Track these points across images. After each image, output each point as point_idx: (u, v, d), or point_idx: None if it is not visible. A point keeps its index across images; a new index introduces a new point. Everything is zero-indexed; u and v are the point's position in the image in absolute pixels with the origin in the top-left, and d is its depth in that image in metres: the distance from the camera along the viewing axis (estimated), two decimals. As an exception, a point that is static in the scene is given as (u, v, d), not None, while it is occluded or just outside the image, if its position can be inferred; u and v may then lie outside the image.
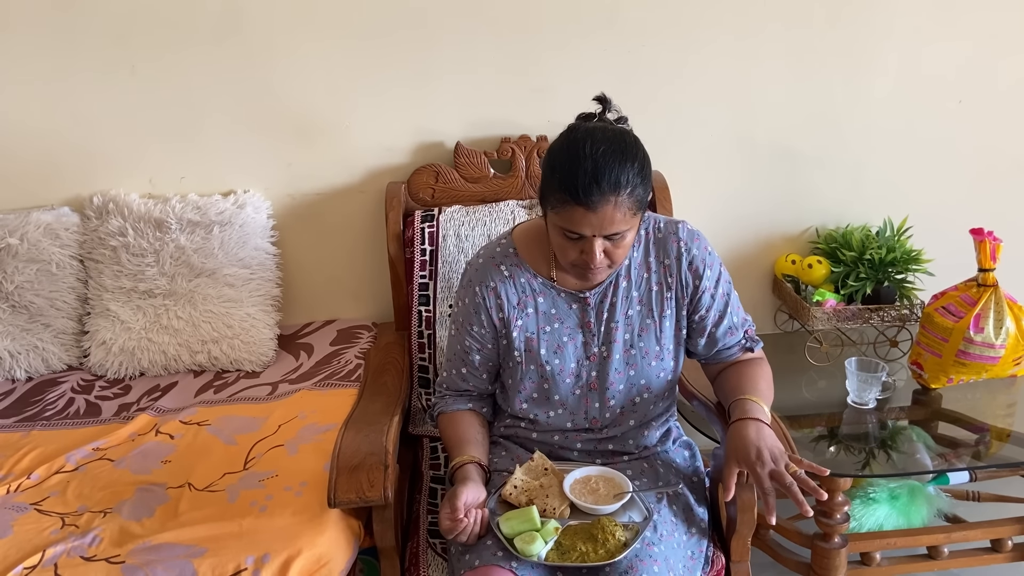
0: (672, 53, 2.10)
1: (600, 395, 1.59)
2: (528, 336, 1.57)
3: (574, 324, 1.57)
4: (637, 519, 1.47)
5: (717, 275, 1.58)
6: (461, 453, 1.54)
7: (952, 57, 2.17)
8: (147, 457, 1.74)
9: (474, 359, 1.62)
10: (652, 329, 1.57)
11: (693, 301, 1.58)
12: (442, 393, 1.68)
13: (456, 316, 1.63)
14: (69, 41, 2.01)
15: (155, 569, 1.43)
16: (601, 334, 1.57)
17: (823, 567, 1.80)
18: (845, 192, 2.25)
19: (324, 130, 2.11)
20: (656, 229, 1.58)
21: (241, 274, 2.08)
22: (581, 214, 1.38)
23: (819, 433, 1.89)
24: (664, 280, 1.57)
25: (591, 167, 1.36)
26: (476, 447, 1.56)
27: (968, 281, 1.95)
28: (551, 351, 1.57)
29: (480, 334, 1.59)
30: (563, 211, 1.40)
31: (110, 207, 2.06)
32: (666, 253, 1.57)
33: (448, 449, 1.61)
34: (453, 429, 1.61)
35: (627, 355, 1.57)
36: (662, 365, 1.59)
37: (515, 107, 2.10)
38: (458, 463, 1.52)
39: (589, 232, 1.40)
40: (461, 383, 1.65)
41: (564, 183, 1.38)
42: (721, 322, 1.60)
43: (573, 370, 1.57)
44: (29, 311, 2.04)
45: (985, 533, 1.92)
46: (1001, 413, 1.97)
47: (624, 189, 1.38)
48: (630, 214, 1.41)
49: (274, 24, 2.02)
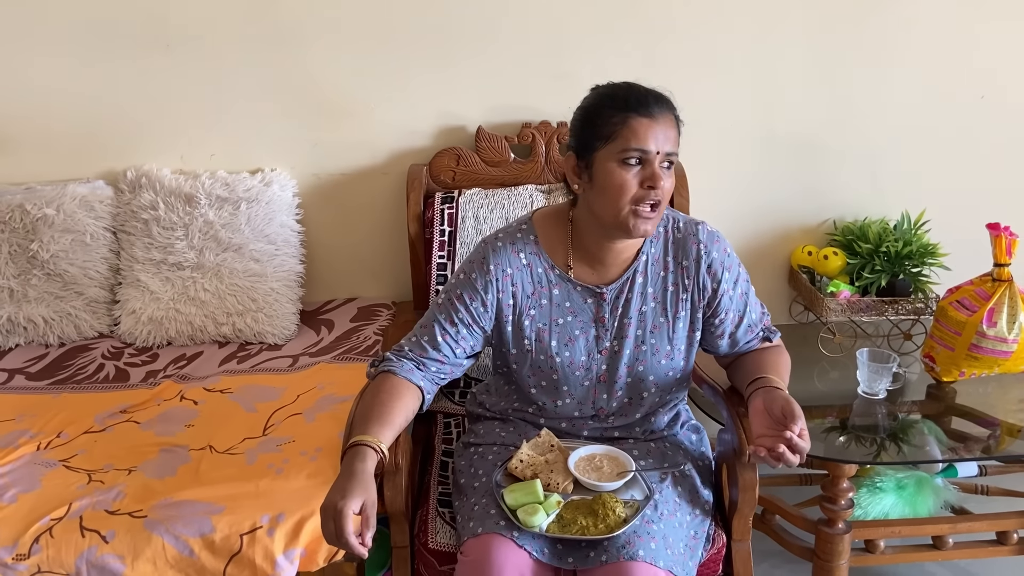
0: (694, 43, 2.12)
1: (608, 387, 1.60)
2: (540, 327, 1.57)
3: (588, 318, 1.58)
4: (639, 497, 1.50)
5: (736, 277, 1.58)
6: (374, 431, 1.40)
7: (976, 52, 2.17)
8: (171, 421, 1.81)
9: (459, 331, 1.54)
10: (664, 328, 1.58)
11: (711, 305, 1.58)
12: (402, 354, 1.54)
13: (455, 287, 1.56)
14: (107, 19, 2.08)
15: (175, 524, 1.50)
16: (614, 329, 1.58)
17: (826, 552, 1.83)
18: (864, 185, 2.26)
19: (349, 112, 2.16)
20: (675, 229, 1.58)
21: (266, 250, 2.14)
22: (646, 126, 1.40)
23: (830, 423, 1.90)
24: (681, 281, 1.57)
25: (638, 88, 1.44)
26: (389, 431, 1.43)
27: (983, 276, 1.96)
28: (562, 343, 1.57)
29: (478, 312, 1.55)
30: (624, 132, 1.41)
31: (143, 181, 2.13)
32: (685, 254, 1.57)
33: (364, 412, 1.45)
34: (387, 397, 1.47)
35: (637, 351, 1.58)
36: (672, 364, 1.59)
37: (536, 93, 2.14)
38: (361, 441, 1.38)
39: (654, 147, 1.41)
40: (430, 350, 1.54)
41: (617, 105, 1.42)
42: (741, 322, 1.60)
43: (583, 363, 1.58)
44: (63, 279, 2.12)
45: (991, 525, 1.93)
46: (1013, 408, 1.97)
47: (673, 108, 1.45)
48: (677, 142, 1.45)
49: (305, 8, 2.08)
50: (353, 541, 1.27)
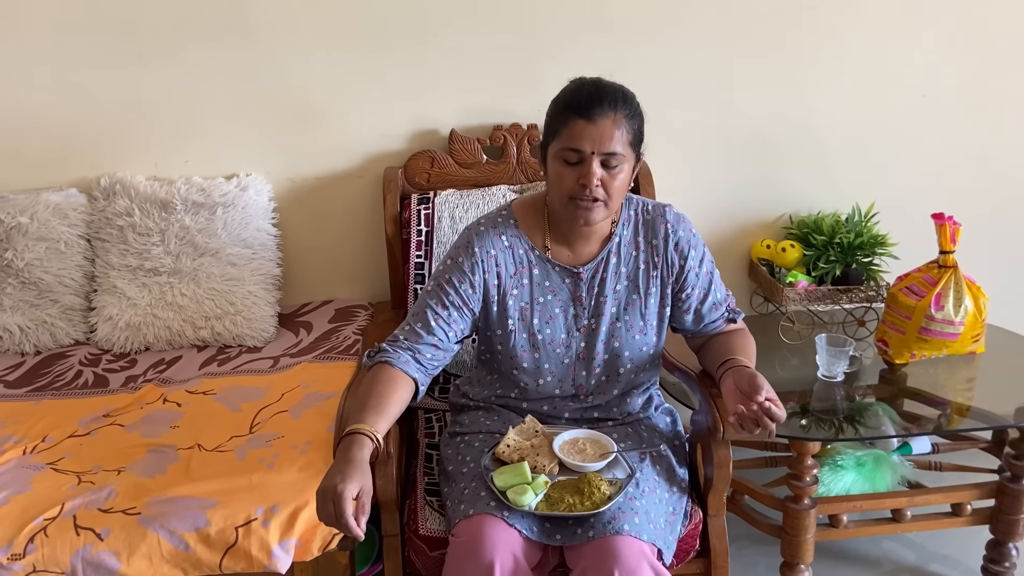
0: (655, 48, 2.22)
1: (587, 364, 1.69)
2: (522, 306, 1.66)
3: (566, 297, 1.67)
4: (621, 476, 1.58)
5: (701, 255, 1.70)
6: (370, 420, 1.45)
7: (915, 54, 2.31)
8: (156, 422, 1.83)
9: (450, 314, 1.61)
10: (637, 305, 1.68)
11: (679, 280, 1.69)
12: (397, 344, 1.59)
13: (443, 272, 1.64)
14: (80, 28, 2.10)
15: (170, 519, 1.53)
16: (591, 307, 1.67)
17: (794, 528, 1.92)
18: (817, 180, 2.38)
19: (324, 117, 2.21)
20: (644, 211, 1.69)
21: (243, 254, 2.17)
22: (582, 127, 1.50)
23: (792, 407, 2.00)
24: (651, 259, 1.68)
25: (592, 86, 1.54)
26: (385, 420, 1.48)
27: (930, 263, 2.08)
28: (543, 321, 1.67)
29: (467, 293, 1.63)
30: (564, 131, 1.52)
31: (117, 188, 2.15)
32: (654, 234, 1.68)
33: (360, 401, 1.50)
34: (383, 387, 1.51)
35: (613, 328, 1.68)
36: (645, 339, 1.70)
37: (507, 97, 2.21)
38: (358, 429, 1.42)
39: (589, 148, 1.51)
40: (425, 335, 1.59)
41: (567, 103, 1.53)
42: (706, 299, 1.71)
43: (563, 340, 1.67)
44: (38, 287, 2.12)
45: (946, 498, 2.04)
46: (961, 388, 2.10)
47: (622, 108, 1.52)
48: (627, 139, 1.53)
49: (278, 14, 2.12)
50: (352, 522, 1.32)
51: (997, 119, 2.37)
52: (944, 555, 2.26)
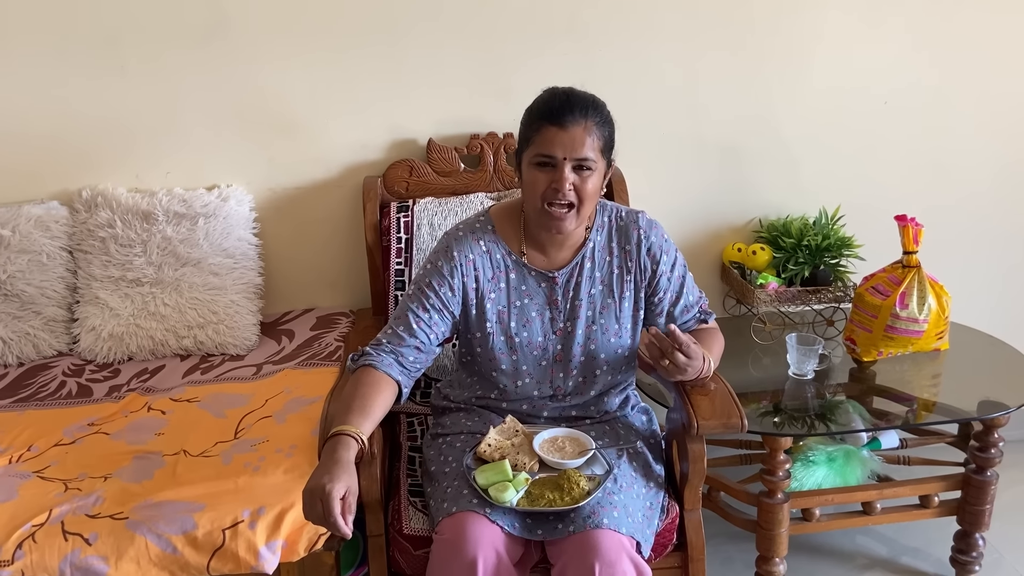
0: (625, 57, 2.28)
1: (564, 366, 1.74)
2: (500, 309, 1.71)
3: (542, 301, 1.72)
4: (599, 472, 1.62)
5: (673, 260, 1.75)
6: (355, 422, 1.48)
7: (878, 63, 2.39)
8: (141, 430, 1.85)
9: (431, 316, 1.65)
10: (612, 308, 1.74)
11: (651, 284, 1.74)
12: (380, 347, 1.63)
13: (424, 277, 1.68)
14: (61, 41, 2.12)
15: (157, 523, 1.55)
16: (567, 311, 1.73)
17: (768, 522, 1.98)
18: (785, 185, 2.45)
19: (303, 128, 2.25)
20: (618, 217, 1.75)
21: (225, 263, 2.19)
22: (554, 134, 1.56)
23: (764, 406, 2.06)
24: (624, 264, 1.73)
25: (563, 95, 1.59)
26: (369, 422, 1.51)
27: (894, 263, 2.16)
28: (520, 324, 1.71)
29: (447, 296, 1.67)
30: (537, 139, 1.58)
31: (98, 200, 2.17)
32: (627, 239, 1.73)
33: (344, 403, 1.53)
34: (367, 389, 1.55)
35: (589, 331, 1.73)
36: (620, 342, 1.75)
37: (483, 106, 2.26)
38: (342, 431, 1.45)
39: (561, 154, 1.56)
40: (407, 338, 1.63)
41: (539, 112, 1.58)
42: (678, 302, 1.77)
43: (540, 343, 1.72)
44: (20, 299, 2.13)
45: (914, 490, 2.10)
46: (927, 384, 2.17)
47: (593, 115, 1.57)
48: (598, 146, 1.58)
49: (257, 28, 2.16)
50: (340, 521, 1.35)
51: (954, 125, 2.46)
52: (914, 547, 2.33)
